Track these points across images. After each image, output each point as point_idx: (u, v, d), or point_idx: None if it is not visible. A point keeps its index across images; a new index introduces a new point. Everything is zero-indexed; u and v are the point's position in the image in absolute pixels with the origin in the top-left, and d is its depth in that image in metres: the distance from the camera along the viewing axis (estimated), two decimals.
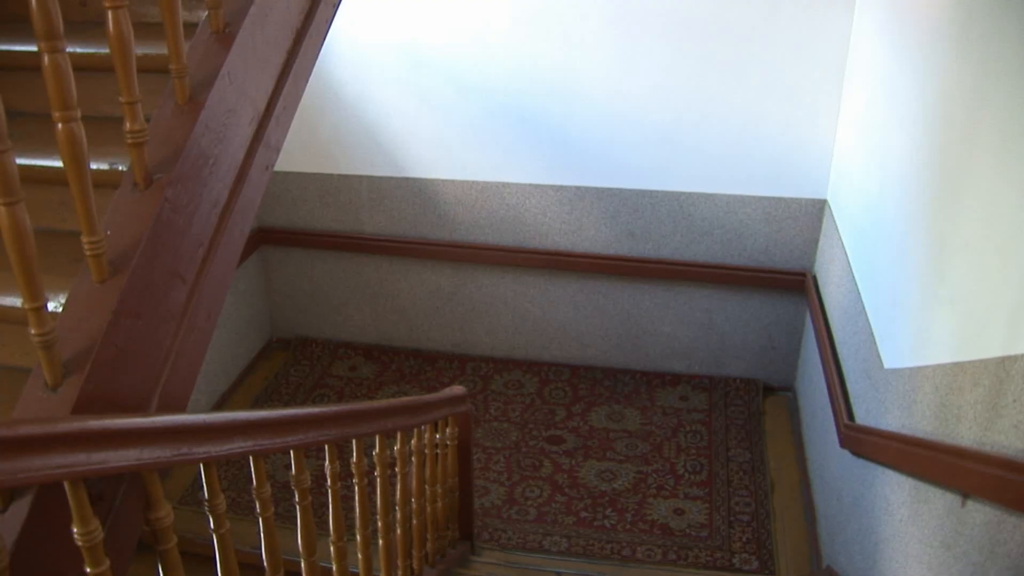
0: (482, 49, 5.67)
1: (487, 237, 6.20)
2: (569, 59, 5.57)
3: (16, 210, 1.72)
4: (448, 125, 5.92)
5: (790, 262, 5.79)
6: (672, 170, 5.73)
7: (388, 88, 5.92)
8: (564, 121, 5.74)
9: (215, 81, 2.19)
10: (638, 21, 5.39)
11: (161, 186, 2.03)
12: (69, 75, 1.77)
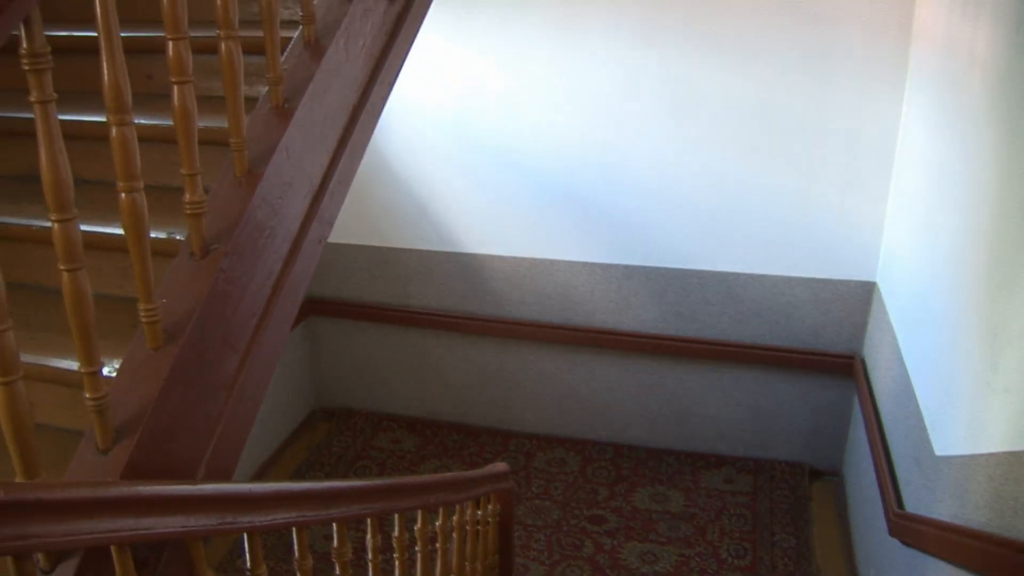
0: (532, 128, 5.75)
1: (534, 314, 6.22)
2: (619, 139, 5.63)
3: (78, 276, 1.77)
4: (498, 202, 5.98)
5: (838, 344, 5.75)
6: (720, 251, 5.74)
7: (439, 164, 6.01)
8: (613, 200, 5.78)
9: (273, 155, 2.25)
10: (688, 102, 5.45)
11: (217, 257, 2.07)
12: (135, 147, 1.83)
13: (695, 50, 5.38)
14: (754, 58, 5.28)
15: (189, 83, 2.00)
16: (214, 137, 2.30)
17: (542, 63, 5.64)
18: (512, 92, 5.73)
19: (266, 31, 2.31)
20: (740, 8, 5.22)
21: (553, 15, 5.54)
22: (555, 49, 5.60)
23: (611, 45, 5.49)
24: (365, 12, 2.70)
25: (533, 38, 5.61)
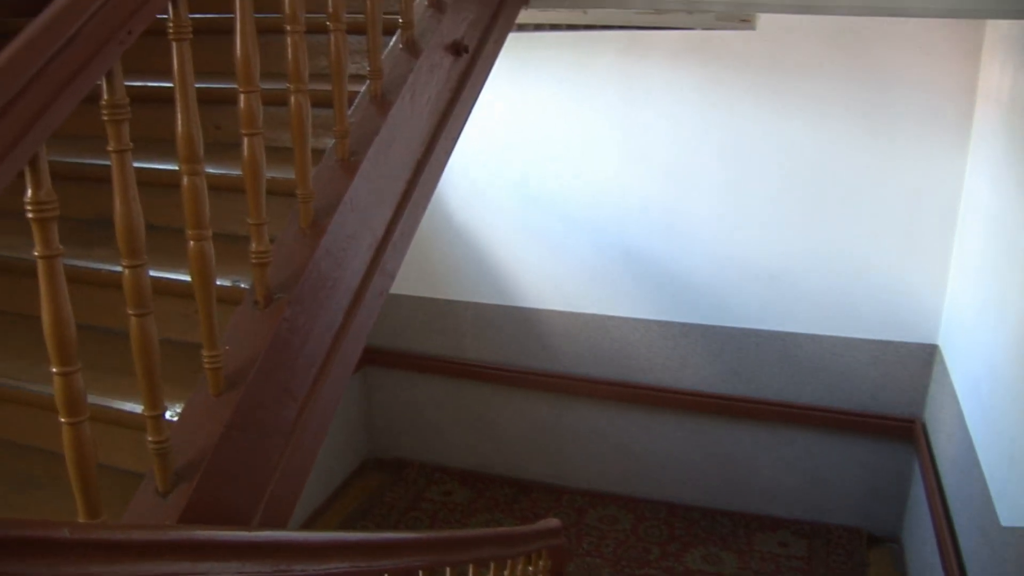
0: (592, 184, 5.78)
1: (589, 369, 6.20)
2: (678, 196, 5.64)
3: (145, 322, 1.80)
4: (556, 257, 6.00)
5: (898, 408, 5.65)
6: (778, 310, 5.70)
7: (499, 219, 6.05)
8: (671, 258, 5.78)
9: (338, 207, 2.29)
10: (747, 161, 5.46)
11: (281, 306, 2.10)
12: (205, 197, 1.88)
13: (756, 108, 5.39)
14: (816, 117, 5.28)
15: (259, 135, 2.05)
16: (280, 188, 2.35)
17: (604, 120, 5.68)
18: (573, 148, 5.77)
19: (334, 85, 2.36)
20: (802, 67, 5.23)
21: (615, 73, 5.58)
22: (617, 106, 5.64)
23: (672, 103, 5.52)
24: (431, 68, 2.75)
25: (595, 96, 5.66)
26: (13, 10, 3.70)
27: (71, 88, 1.64)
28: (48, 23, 1.63)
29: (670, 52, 5.50)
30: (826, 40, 5.15)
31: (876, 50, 5.07)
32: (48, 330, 1.65)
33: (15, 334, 2.58)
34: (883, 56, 5.06)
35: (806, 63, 5.23)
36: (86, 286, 2.53)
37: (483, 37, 3.13)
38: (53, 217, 1.61)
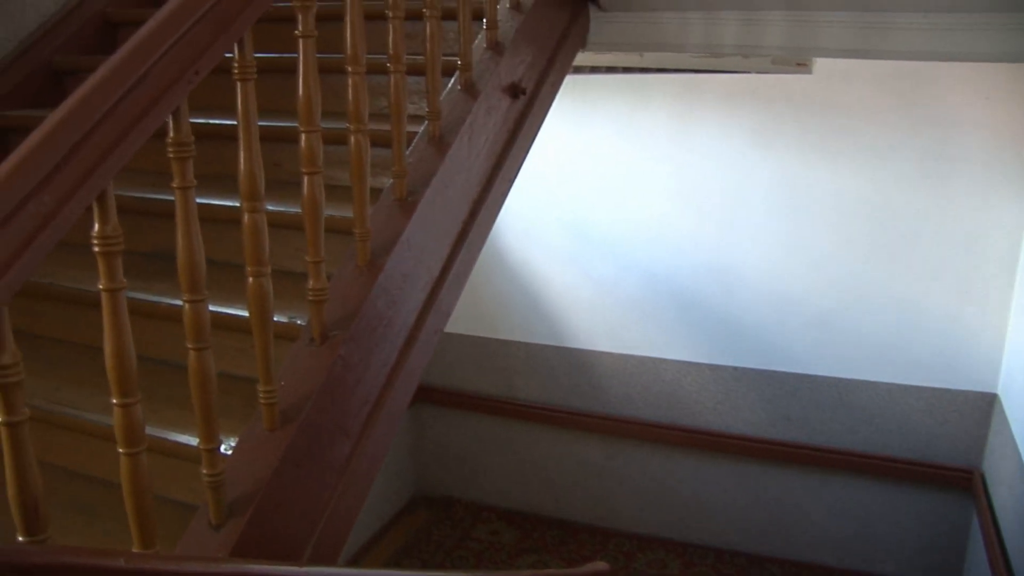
0: (645, 225, 5.78)
1: (640, 412, 6.17)
2: (730, 240, 5.62)
3: (204, 356, 1.84)
4: (608, 299, 6.00)
5: (955, 458, 5.54)
6: (831, 355, 5.63)
7: (552, 259, 6.06)
8: (723, 301, 5.75)
9: (395, 246, 2.32)
10: (802, 203, 5.43)
11: (336, 343, 2.13)
12: (265, 234, 1.91)
13: (810, 151, 5.37)
14: (870, 160, 5.25)
15: (319, 174, 2.08)
16: (338, 226, 2.38)
17: (657, 161, 5.69)
18: (626, 189, 5.78)
19: (393, 126, 2.39)
20: (858, 111, 5.21)
21: (669, 115, 5.60)
22: (670, 148, 5.65)
23: (726, 145, 5.52)
24: (489, 110, 2.78)
25: (649, 137, 5.68)
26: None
27: (139, 127, 1.68)
28: (120, 63, 1.68)
29: (724, 95, 5.51)
30: (882, 83, 5.13)
31: (933, 93, 5.03)
32: (110, 362, 1.68)
33: (77, 363, 2.63)
34: (940, 99, 5.02)
35: (862, 106, 5.21)
36: (145, 318, 2.57)
37: (540, 79, 3.16)
38: (118, 251, 1.65)
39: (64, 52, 3.70)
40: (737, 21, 3.57)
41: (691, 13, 3.61)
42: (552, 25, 3.30)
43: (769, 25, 3.54)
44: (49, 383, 2.51)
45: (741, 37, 3.62)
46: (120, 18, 3.89)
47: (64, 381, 2.54)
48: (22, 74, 3.59)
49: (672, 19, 3.67)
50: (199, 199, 1.84)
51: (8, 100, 3.51)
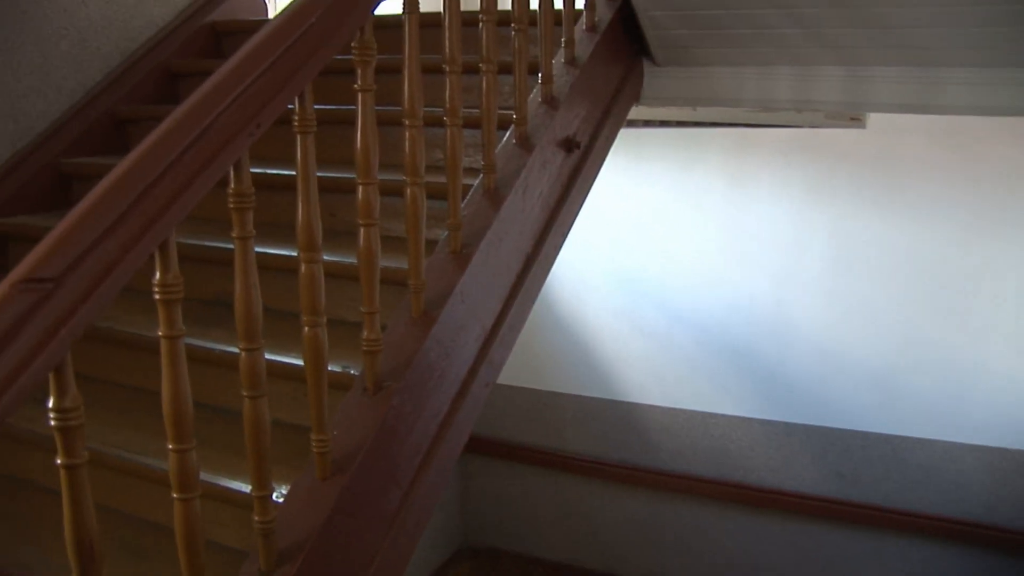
0: (697, 278, 5.76)
1: (690, 466, 6.10)
2: (783, 295, 5.58)
3: (259, 404, 1.86)
4: (659, 352, 5.97)
5: (1017, 520, 5.40)
6: (886, 412, 5.54)
7: (603, 312, 6.06)
8: (775, 355, 5.70)
9: (449, 299, 2.33)
10: (856, 258, 5.38)
11: (389, 394, 2.14)
12: (321, 284, 1.93)
13: (864, 205, 5.34)
14: (926, 215, 5.20)
15: (375, 226, 2.11)
16: (392, 277, 2.40)
17: (710, 215, 5.68)
18: (679, 241, 5.77)
19: (449, 179, 2.42)
20: (913, 165, 5.18)
21: (722, 168, 5.60)
22: (723, 201, 5.64)
23: (779, 199, 5.51)
24: (544, 163, 2.80)
25: (702, 190, 5.68)
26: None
27: (202, 178, 1.72)
28: (184, 116, 1.72)
29: (777, 149, 5.50)
30: (938, 138, 5.09)
31: (989, 148, 4.99)
32: (167, 408, 1.71)
33: (132, 407, 2.66)
34: (998, 155, 4.98)
35: (917, 161, 5.18)
36: (201, 364, 2.60)
37: (595, 133, 3.18)
38: (178, 299, 1.68)
39: (127, 101, 3.80)
40: (792, 76, 3.57)
41: (746, 68, 3.62)
42: (607, 79, 3.33)
43: (824, 80, 3.54)
44: (105, 426, 2.54)
45: (796, 92, 3.63)
46: (181, 69, 3.99)
47: (120, 424, 2.57)
48: (87, 122, 3.68)
49: (726, 74, 3.68)
50: (256, 247, 1.87)
51: (73, 148, 3.60)
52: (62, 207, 3.57)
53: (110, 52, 3.84)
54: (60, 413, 1.50)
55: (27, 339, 1.44)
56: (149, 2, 3.98)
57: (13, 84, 3.47)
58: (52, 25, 3.58)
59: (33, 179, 3.50)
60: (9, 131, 3.48)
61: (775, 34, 3.42)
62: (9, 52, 3.44)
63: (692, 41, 3.51)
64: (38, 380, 1.46)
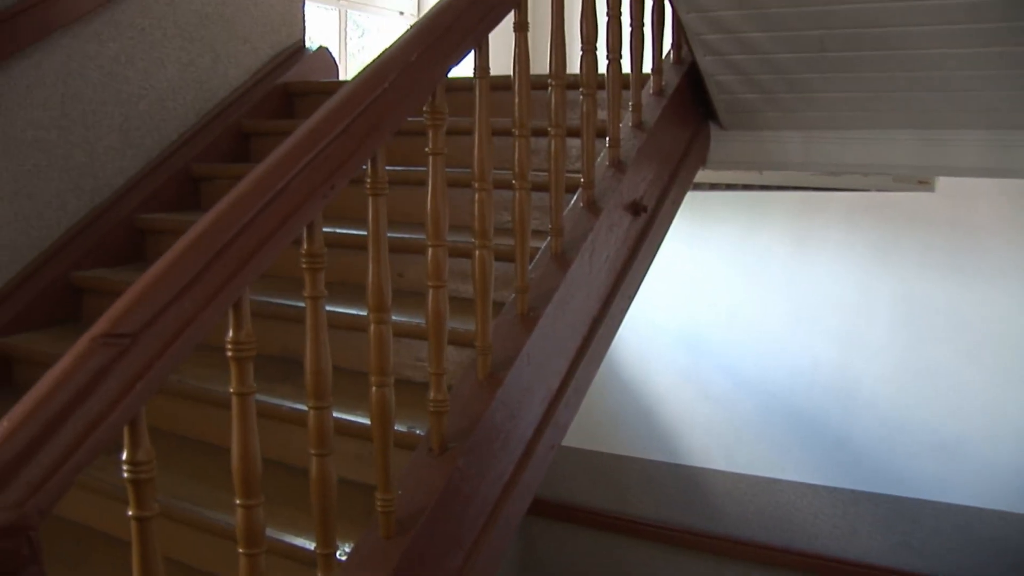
0: (762, 344, 5.72)
1: (754, 533, 6.00)
2: (849, 359, 5.51)
3: (325, 462, 1.87)
4: (723, 416, 5.91)
5: None
6: (958, 482, 5.42)
7: (667, 374, 6.02)
8: (841, 421, 5.61)
9: (515, 361, 2.34)
10: (925, 324, 5.30)
11: (454, 455, 2.14)
12: (390, 345, 1.95)
13: (933, 269, 5.27)
14: (997, 280, 5.12)
15: (444, 288, 2.13)
16: (459, 338, 2.42)
17: (774, 277, 5.65)
18: (743, 304, 5.74)
19: (517, 242, 2.43)
20: (983, 229, 5.12)
21: (787, 232, 5.58)
22: (788, 264, 5.61)
23: (845, 263, 5.46)
24: (610, 227, 2.81)
25: (766, 253, 5.66)
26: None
27: (276, 238, 1.75)
28: (260, 178, 1.76)
29: (845, 212, 5.47)
30: (1009, 201, 5.03)
31: None
32: (236, 464, 1.72)
33: (198, 460, 2.69)
34: None
35: (987, 225, 5.11)
36: (266, 419, 2.62)
37: (661, 197, 3.19)
38: (250, 357, 1.70)
39: (201, 159, 3.89)
40: (861, 140, 3.56)
41: (815, 132, 3.61)
42: (674, 143, 3.34)
43: (893, 144, 3.52)
44: (172, 478, 2.57)
45: (865, 156, 3.61)
46: (253, 128, 4.08)
47: (186, 477, 2.59)
48: (162, 179, 3.78)
49: (793, 138, 3.68)
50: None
51: (148, 203, 3.69)
52: (136, 261, 3.66)
53: (186, 112, 3.94)
54: (133, 466, 1.52)
55: (105, 392, 1.47)
56: (224, 64, 4.09)
57: (95, 142, 3.57)
58: (133, 86, 3.70)
59: (109, 233, 3.59)
60: (89, 187, 3.58)
61: (843, 98, 3.42)
62: (93, 112, 3.55)
63: (759, 105, 3.52)
64: (114, 433, 1.49)
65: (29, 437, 1.38)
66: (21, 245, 3.37)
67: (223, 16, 4.06)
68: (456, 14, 2.19)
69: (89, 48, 3.53)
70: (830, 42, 3.15)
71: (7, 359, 3.28)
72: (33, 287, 3.38)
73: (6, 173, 3.29)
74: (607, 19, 2.97)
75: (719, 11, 3.15)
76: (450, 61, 2.15)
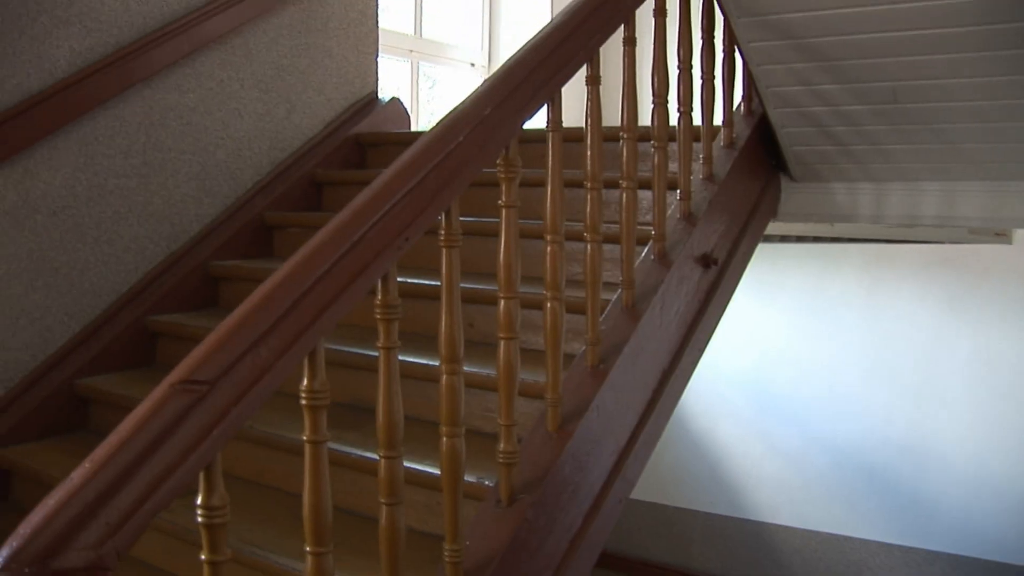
0: (832, 398, 5.64)
1: None
2: (924, 415, 5.41)
3: (395, 511, 1.87)
4: (792, 471, 5.83)
5: None
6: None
7: (734, 427, 5.96)
8: (917, 478, 5.50)
9: (585, 413, 2.34)
10: (1003, 378, 5.20)
11: (523, 506, 2.14)
12: (461, 396, 1.96)
13: (1011, 323, 5.18)
14: None
15: (515, 339, 2.14)
16: (529, 390, 2.42)
17: (846, 331, 5.59)
18: (814, 358, 5.67)
19: (588, 294, 2.44)
20: None
21: (859, 284, 5.52)
22: (860, 317, 5.54)
23: (920, 317, 5.38)
24: (681, 279, 2.81)
25: (838, 306, 5.59)
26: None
27: (351, 289, 1.77)
28: (337, 229, 1.78)
29: (918, 265, 5.40)
30: None
31: None
32: (308, 512, 1.73)
33: (266, 504, 2.71)
34: None
35: None
36: (334, 467, 2.64)
37: (732, 249, 3.18)
38: (324, 406, 1.72)
39: (274, 208, 3.97)
40: (937, 192, 3.52)
41: (889, 184, 3.57)
42: (744, 195, 3.34)
43: (969, 195, 3.48)
44: (240, 522, 2.59)
45: (939, 208, 3.57)
46: (325, 178, 4.15)
47: (255, 522, 2.61)
48: (236, 227, 3.85)
49: (867, 190, 3.64)
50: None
51: (222, 250, 3.77)
52: (209, 307, 3.73)
53: (261, 161, 4.02)
54: (207, 510, 1.55)
55: (182, 438, 1.50)
56: (299, 115, 4.17)
57: (173, 189, 3.66)
58: (211, 136, 3.79)
59: (184, 279, 3.67)
60: (166, 233, 3.66)
61: (916, 150, 3.39)
62: (172, 161, 3.64)
63: (831, 157, 3.50)
64: (190, 478, 1.51)
65: (109, 479, 1.41)
66: (101, 289, 3.46)
67: (298, 68, 4.15)
68: (529, 69, 2.21)
69: (169, 99, 3.64)
70: (902, 93, 3.13)
71: (84, 400, 3.35)
72: (111, 330, 3.46)
73: (89, 219, 3.39)
74: (678, 72, 2.98)
75: (790, 63, 3.15)
76: (523, 115, 2.17)
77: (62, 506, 1.36)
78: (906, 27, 2.88)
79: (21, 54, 3.18)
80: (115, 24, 3.45)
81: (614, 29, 2.53)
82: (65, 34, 3.30)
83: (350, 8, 4.40)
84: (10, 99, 3.15)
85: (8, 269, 3.17)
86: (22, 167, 3.19)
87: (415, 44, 5.68)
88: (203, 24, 3.70)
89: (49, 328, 3.31)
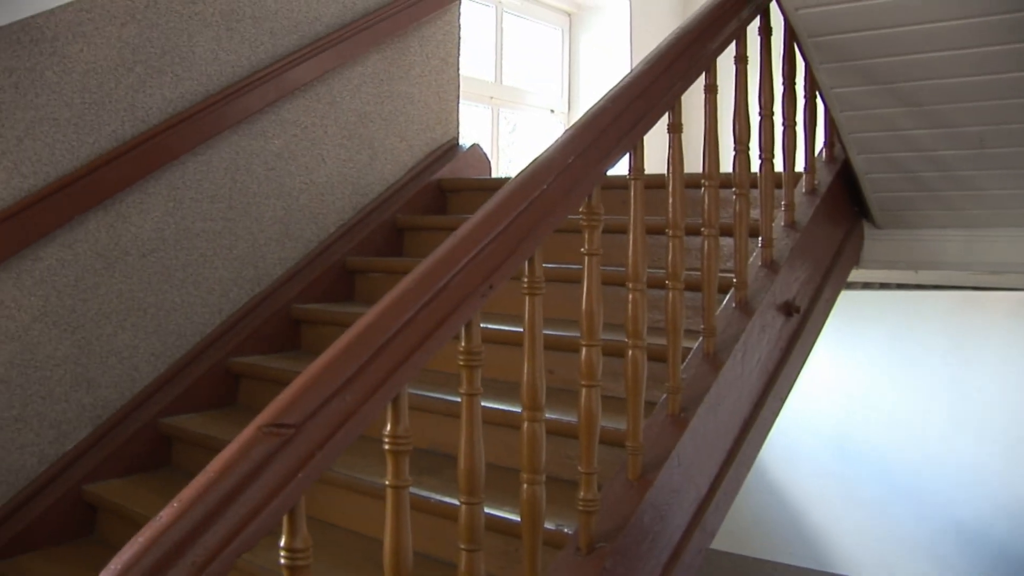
0: (918, 449, 5.51)
1: None
2: (1016, 467, 5.25)
3: (475, 557, 1.87)
4: (876, 524, 5.70)
5: None
6: None
7: (815, 477, 5.86)
8: (1009, 535, 5.33)
9: (665, 462, 2.32)
10: None
11: (602, 555, 2.12)
12: (543, 443, 1.96)
13: None
14: None
15: (596, 387, 2.13)
16: (609, 437, 2.40)
17: (931, 380, 5.47)
18: (897, 408, 5.56)
19: (670, 342, 2.43)
20: None
21: (945, 333, 5.41)
22: (946, 366, 5.43)
23: (1010, 366, 5.25)
24: (763, 327, 2.78)
25: (922, 355, 5.49)
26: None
27: (435, 336, 1.78)
28: (422, 276, 1.80)
29: (1007, 312, 5.27)
30: None
31: None
32: (388, 556, 1.74)
33: (343, 547, 2.71)
34: None
35: None
36: (413, 512, 2.63)
37: (814, 297, 3.15)
38: (407, 451, 1.73)
39: (356, 252, 4.02)
40: None
41: (976, 230, 3.50)
42: (827, 242, 3.30)
43: None
44: (318, 564, 2.59)
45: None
46: (406, 224, 4.20)
47: (332, 565, 2.62)
48: (318, 271, 3.91)
49: (953, 236, 3.58)
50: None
51: (304, 294, 3.82)
52: (290, 349, 3.77)
53: (343, 206, 4.09)
54: (291, 553, 1.56)
55: (268, 480, 1.52)
56: (380, 161, 4.23)
57: (257, 233, 3.73)
58: (295, 181, 3.86)
59: (266, 322, 3.72)
60: (250, 276, 3.72)
61: (1004, 195, 3.32)
62: (257, 205, 3.72)
63: (915, 203, 3.45)
64: (275, 520, 1.53)
65: (197, 519, 1.43)
66: (186, 330, 3.53)
67: (381, 115, 4.22)
68: (612, 117, 2.23)
69: (255, 145, 3.72)
70: (990, 138, 3.08)
71: (168, 438, 3.41)
72: (195, 371, 3.52)
73: (176, 262, 3.46)
74: (760, 118, 2.97)
75: (873, 109, 3.12)
76: (606, 164, 2.19)
77: (152, 544, 1.39)
78: (995, 71, 2.84)
79: (117, 102, 3.28)
80: (204, 72, 3.55)
81: (696, 77, 2.54)
82: (158, 83, 3.40)
83: (432, 56, 4.47)
84: (105, 145, 3.25)
85: (100, 309, 3.25)
86: (115, 211, 3.28)
87: (495, 91, 5.74)
88: (288, 72, 3.78)
89: (136, 367, 3.38)
